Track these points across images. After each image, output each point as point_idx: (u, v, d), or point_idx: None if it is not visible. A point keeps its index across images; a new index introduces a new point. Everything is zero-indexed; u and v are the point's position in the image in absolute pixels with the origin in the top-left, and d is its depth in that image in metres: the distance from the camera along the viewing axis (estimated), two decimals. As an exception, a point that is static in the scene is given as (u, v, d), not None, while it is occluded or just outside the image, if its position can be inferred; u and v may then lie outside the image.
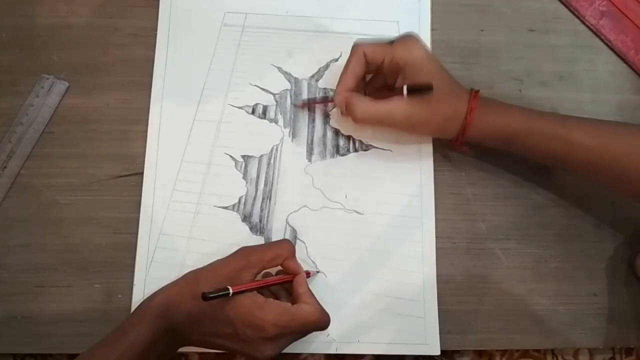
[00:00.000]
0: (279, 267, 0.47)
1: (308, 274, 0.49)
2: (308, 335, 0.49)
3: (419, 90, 0.46)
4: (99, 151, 0.53)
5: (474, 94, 0.48)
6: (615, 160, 0.46)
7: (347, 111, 0.49)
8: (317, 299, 0.45)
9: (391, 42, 0.48)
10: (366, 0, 0.57)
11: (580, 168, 0.48)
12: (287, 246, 0.46)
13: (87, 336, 0.49)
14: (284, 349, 0.44)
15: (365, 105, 0.48)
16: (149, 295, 0.45)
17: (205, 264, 0.46)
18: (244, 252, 0.45)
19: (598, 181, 0.50)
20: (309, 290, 0.46)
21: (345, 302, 0.50)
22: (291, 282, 0.46)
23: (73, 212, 0.51)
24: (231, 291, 0.41)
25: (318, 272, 0.51)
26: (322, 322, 0.44)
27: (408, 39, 0.48)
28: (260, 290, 0.45)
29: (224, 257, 0.45)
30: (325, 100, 0.54)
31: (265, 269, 0.46)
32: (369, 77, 0.52)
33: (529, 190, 0.54)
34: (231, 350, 0.45)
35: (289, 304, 0.44)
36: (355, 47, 0.49)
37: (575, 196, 0.54)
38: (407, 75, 0.47)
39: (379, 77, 0.51)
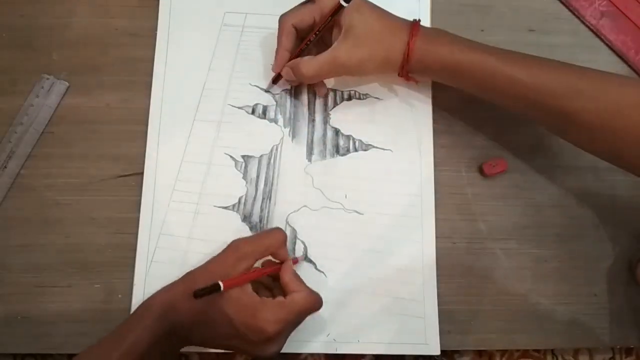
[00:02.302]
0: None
1: (295, 260, 0.49)
2: (308, 335, 0.49)
3: None
4: (99, 151, 0.53)
5: (414, 22, 0.48)
6: (553, 99, 0.45)
7: (296, 75, 0.50)
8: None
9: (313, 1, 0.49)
10: (366, 0, 0.57)
11: (522, 107, 0.48)
12: (279, 235, 0.46)
13: (87, 336, 0.49)
14: (285, 341, 0.44)
15: (308, 61, 0.49)
16: (149, 295, 0.44)
17: (205, 263, 0.46)
18: (236, 245, 0.45)
19: (543, 123, 0.49)
20: (296, 276, 0.46)
21: (345, 302, 0.50)
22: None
23: (73, 212, 0.51)
24: (222, 285, 0.41)
25: (305, 257, 0.51)
26: (315, 305, 0.45)
27: None
28: (253, 284, 0.45)
29: (217, 254, 0.45)
30: (278, 77, 0.53)
31: (258, 260, 0.46)
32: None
33: (529, 190, 0.54)
34: (235, 350, 0.45)
35: (282, 298, 0.44)
36: (282, 23, 0.50)
37: (575, 196, 0.54)
38: (340, 21, 0.48)
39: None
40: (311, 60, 0.49)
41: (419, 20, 0.49)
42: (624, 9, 0.58)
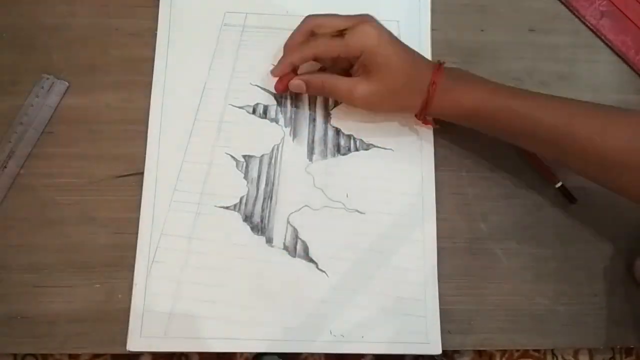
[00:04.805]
0: None
1: None
2: (308, 334, 0.49)
3: None
4: (99, 151, 0.52)
5: (437, 66, 0.47)
6: (579, 142, 0.44)
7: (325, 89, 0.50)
8: (318, 298, 0.44)
9: (342, 32, 0.48)
10: (366, 0, 0.57)
11: (546, 149, 0.47)
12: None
13: (87, 336, 0.49)
14: None
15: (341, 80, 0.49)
16: (149, 295, 0.44)
17: (206, 263, 0.45)
18: None
19: (567, 164, 0.48)
20: None
21: (346, 302, 0.50)
22: None
23: (73, 212, 0.51)
24: None
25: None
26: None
27: (360, 25, 0.47)
28: None
29: None
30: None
31: None
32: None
33: (529, 190, 0.54)
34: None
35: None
36: (305, 48, 0.50)
37: (576, 196, 0.54)
38: (364, 62, 0.47)
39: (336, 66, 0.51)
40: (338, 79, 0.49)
41: (444, 63, 0.48)
42: (624, 9, 0.58)
